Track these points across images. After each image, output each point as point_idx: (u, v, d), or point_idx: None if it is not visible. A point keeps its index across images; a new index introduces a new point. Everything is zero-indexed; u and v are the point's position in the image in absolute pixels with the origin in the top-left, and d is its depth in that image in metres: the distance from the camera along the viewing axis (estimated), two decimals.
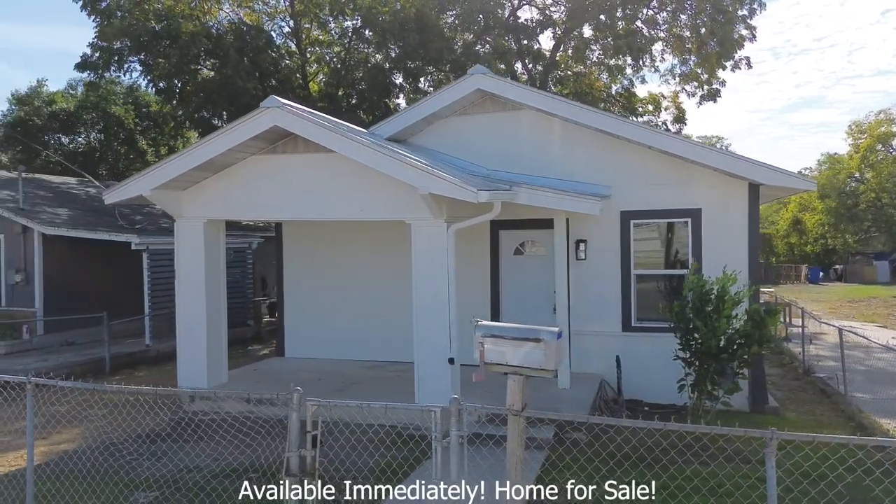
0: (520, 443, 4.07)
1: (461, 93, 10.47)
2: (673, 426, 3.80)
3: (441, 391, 8.49)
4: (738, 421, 9.03)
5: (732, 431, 3.89)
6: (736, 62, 26.61)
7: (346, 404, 4.79)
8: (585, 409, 8.45)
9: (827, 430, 8.74)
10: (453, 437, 4.13)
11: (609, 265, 10.35)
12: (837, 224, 45.98)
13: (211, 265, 9.55)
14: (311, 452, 4.42)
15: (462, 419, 4.17)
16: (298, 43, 21.99)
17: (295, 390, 4.50)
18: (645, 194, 10.15)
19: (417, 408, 4.43)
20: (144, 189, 8.93)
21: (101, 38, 17.93)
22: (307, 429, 4.44)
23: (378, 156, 7.99)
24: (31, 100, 26.58)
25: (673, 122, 30.58)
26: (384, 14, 19.01)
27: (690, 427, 3.98)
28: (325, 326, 11.76)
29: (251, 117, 8.48)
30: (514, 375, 4.07)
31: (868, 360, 13.72)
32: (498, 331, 4.10)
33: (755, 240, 9.77)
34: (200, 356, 9.51)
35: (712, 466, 6.87)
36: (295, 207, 9.10)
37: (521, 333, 4.05)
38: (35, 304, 15.73)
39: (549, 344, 3.98)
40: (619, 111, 30.06)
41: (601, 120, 10.15)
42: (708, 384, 7.66)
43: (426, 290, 8.54)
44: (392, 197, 8.40)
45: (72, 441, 8.44)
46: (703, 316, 7.47)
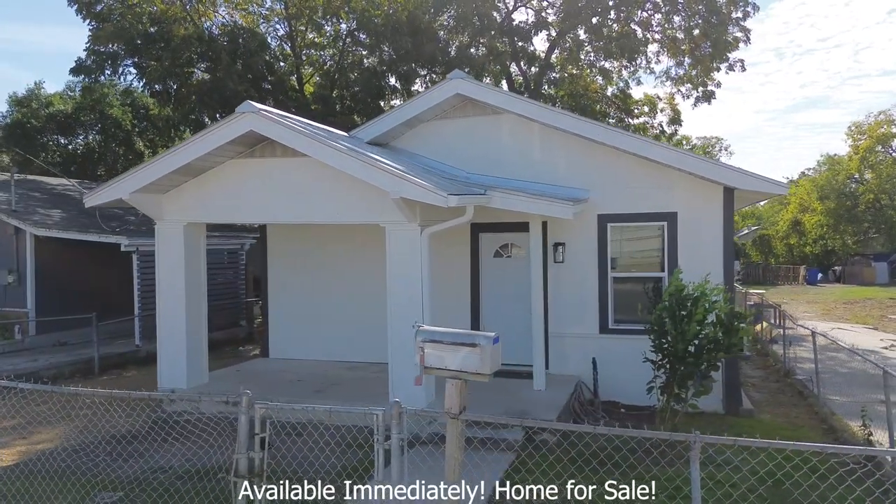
0: (458, 445, 4.17)
1: (441, 97, 10.56)
2: (602, 430, 3.89)
3: (415, 393, 8.59)
4: (710, 423, 9.13)
5: (657, 434, 3.99)
6: (730, 64, 26.65)
7: (292, 407, 4.88)
8: (557, 411, 8.53)
9: (797, 432, 8.83)
10: (394, 440, 4.23)
11: (587, 268, 10.44)
12: (837, 225, 45.90)
13: (191, 267, 9.68)
14: (258, 454, 4.53)
15: (402, 423, 4.27)
16: (293, 45, 22.13)
17: (244, 393, 4.61)
18: (622, 198, 10.24)
19: (360, 411, 4.50)
20: (123, 192, 9.06)
21: (95, 42, 18.10)
22: (255, 431, 4.54)
23: (350, 160, 8.10)
24: (30, 102, 26.80)
25: (668, 124, 30.64)
26: (377, 17, 19.12)
27: (618, 431, 4.07)
28: (310, 328, 11.88)
29: (228, 122, 8.60)
30: (453, 380, 4.17)
31: (850, 362, 13.75)
32: (437, 336, 4.20)
33: (730, 242, 9.85)
34: (180, 357, 9.65)
35: (678, 465, 6.96)
36: (273, 211, 9.23)
37: (459, 338, 4.15)
38: (27, 305, 15.90)
39: (485, 349, 4.08)
40: (615, 113, 30.16)
41: (579, 125, 10.23)
42: (676, 387, 7.74)
43: (400, 293, 8.65)
44: (367, 201, 8.51)
45: (51, 441, 8.58)
46: (677, 320, 7.55)
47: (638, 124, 30.38)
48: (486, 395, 9.31)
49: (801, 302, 29.63)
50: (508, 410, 8.58)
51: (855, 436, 8.42)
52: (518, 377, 9.83)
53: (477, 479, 6.14)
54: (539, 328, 9.62)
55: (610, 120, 29.98)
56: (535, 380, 9.60)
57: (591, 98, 28.72)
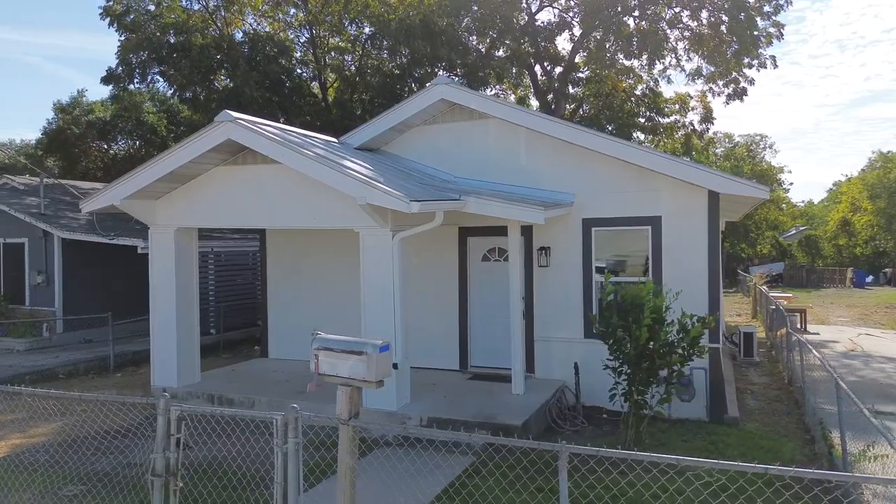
0: (349, 450, 4.28)
1: (427, 102, 10.68)
2: (478, 438, 3.95)
3: (386, 395, 8.74)
4: (687, 430, 9.00)
5: (527, 444, 4.01)
6: (761, 61, 25.97)
7: (203, 410, 5.07)
8: (526, 416, 8.53)
9: (776, 442, 8.61)
10: (290, 444, 4.37)
11: (572, 272, 10.40)
12: (889, 225, 43.95)
13: (182, 270, 10.05)
14: (174, 454, 4.74)
15: (298, 427, 4.40)
16: (315, 51, 22.56)
17: (162, 396, 4.82)
18: (607, 202, 10.17)
19: (261, 415, 4.66)
20: (115, 199, 9.48)
21: (123, 52, 18.88)
22: (171, 432, 4.75)
23: (318, 166, 8.30)
24: (72, 109, 28.06)
25: (700, 122, 29.98)
26: (391, 21, 19.35)
27: (491, 439, 4.11)
28: (305, 328, 12.12)
29: (207, 131, 8.91)
30: (344, 386, 4.29)
31: (864, 370, 13.28)
32: (330, 343, 4.33)
33: (715, 246, 9.68)
34: (171, 357, 10.03)
35: (630, 476, 6.90)
36: (253, 216, 9.51)
37: (349, 346, 4.27)
38: (55, 304, 16.70)
39: (371, 357, 4.19)
40: (645, 112, 29.68)
41: (562, 130, 10.20)
42: (635, 394, 7.67)
43: (374, 296, 8.81)
44: (341, 206, 8.69)
45: (45, 435, 9.04)
46: (626, 325, 7.50)
47: (668, 124, 29.83)
48: (463, 398, 9.43)
49: (839, 306, 28.55)
50: (478, 413, 8.65)
51: (833, 447, 8.16)
52: (505, 381, 9.87)
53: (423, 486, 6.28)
54: (518, 332, 9.63)
55: (640, 119, 29.56)
56: (514, 384, 9.62)
57: (620, 98, 28.35)
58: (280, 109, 19.02)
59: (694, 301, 9.59)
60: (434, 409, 8.89)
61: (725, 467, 3.64)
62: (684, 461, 3.66)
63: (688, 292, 9.69)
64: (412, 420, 8.66)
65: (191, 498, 4.98)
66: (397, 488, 6.44)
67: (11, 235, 17.20)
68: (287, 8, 22.97)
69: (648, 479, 6.49)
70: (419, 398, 9.32)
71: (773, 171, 49.87)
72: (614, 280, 9.81)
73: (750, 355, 14.66)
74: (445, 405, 9.08)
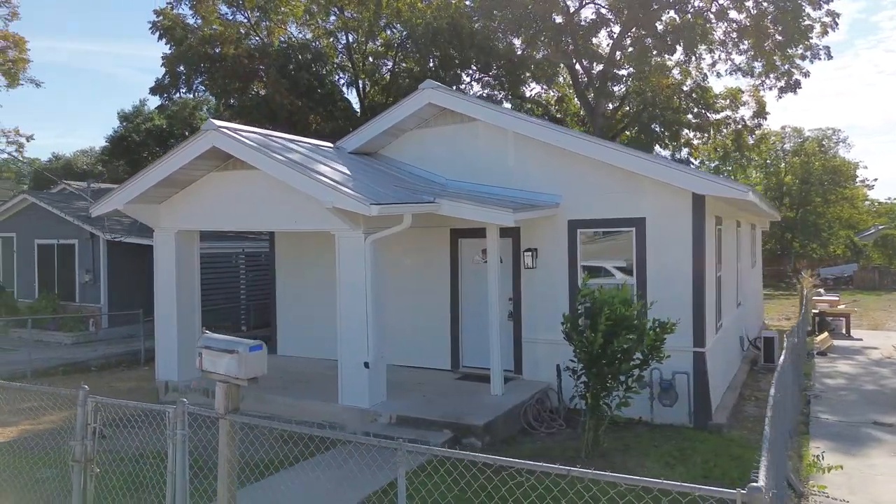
0: (227, 443, 4.54)
1: (414, 107, 10.88)
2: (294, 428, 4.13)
3: (359, 392, 9.02)
4: (663, 435, 8.83)
5: (369, 441, 4.13)
6: (815, 52, 24.80)
7: (118, 403, 5.43)
8: (492, 416, 8.60)
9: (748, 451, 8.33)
10: (178, 435, 4.67)
11: (558, 273, 10.36)
12: None
13: (183, 270, 10.63)
14: (89, 442, 5.14)
15: (185, 419, 4.69)
16: (351, 57, 23.12)
17: (81, 388, 5.23)
18: (593, 204, 10.09)
19: (158, 408, 4.99)
20: (118, 204, 10.16)
21: (167, 64, 19.99)
22: (87, 421, 5.16)
23: (289, 171, 8.65)
24: (134, 117, 29.82)
25: (752, 118, 28.88)
26: (419, 26, 19.64)
27: (317, 431, 4.26)
28: (309, 327, 12.57)
29: (195, 139, 9.43)
30: (222, 383, 4.55)
31: (890, 378, 12.52)
32: (211, 342, 4.60)
33: (699, 248, 9.44)
34: (172, 352, 10.64)
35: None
36: (241, 219, 9.98)
37: (226, 345, 4.53)
38: (101, 301, 17.89)
39: (242, 356, 4.43)
40: (694, 107, 28.81)
41: (545, 133, 10.20)
42: (590, 397, 7.62)
43: (348, 297, 9.08)
44: (319, 209, 8.96)
45: (52, 423, 9.78)
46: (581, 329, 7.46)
47: (718, 120, 28.84)
48: (442, 398, 9.57)
49: None
50: (446, 413, 8.77)
51: (804, 458, 7.85)
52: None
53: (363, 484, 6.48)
54: (496, 333, 9.68)
55: (688, 116, 28.71)
56: (493, 384, 9.69)
57: (663, 94, 27.63)
58: (312, 115, 19.63)
59: (679, 302, 9.43)
60: (406, 408, 9.08)
61: (612, 479, 3.35)
62: (549, 468, 3.59)
63: (673, 293, 9.53)
64: (382, 418, 8.89)
65: (104, 481, 5.38)
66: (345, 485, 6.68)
67: (64, 237, 18.53)
68: (327, 16, 23.63)
69: (512, 484, 6.31)
70: (399, 397, 9.52)
71: (847, 167, 47.19)
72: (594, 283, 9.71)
73: (771, 361, 14.08)
74: (419, 404, 9.25)
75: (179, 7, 21.55)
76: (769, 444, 4.36)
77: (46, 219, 18.60)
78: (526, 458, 7.93)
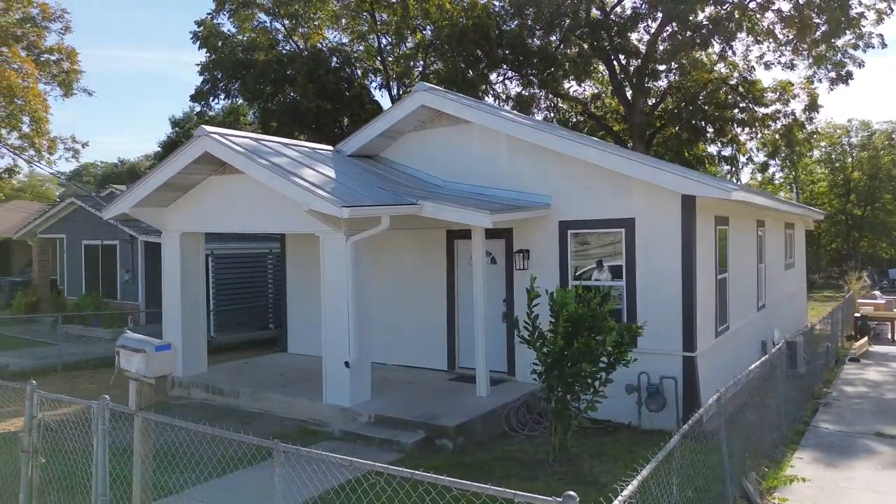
0: (140, 439, 4.76)
1: (408, 109, 10.98)
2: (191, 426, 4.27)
3: (341, 391, 9.19)
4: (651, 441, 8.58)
5: (250, 440, 4.24)
6: (867, 41, 23.57)
7: (53, 397, 5.72)
8: (467, 417, 8.61)
9: None
10: (99, 430, 4.92)
11: (549, 275, 10.23)
12: None
13: (188, 270, 11.06)
14: (35, 435, 5.47)
15: (106, 415, 4.93)
16: (383, 59, 23.42)
17: (29, 383, 5.57)
18: (584, 205, 9.97)
19: (84, 403, 5.25)
20: (125, 208, 10.66)
21: (202, 72, 20.80)
22: (33, 414, 5.49)
23: (270, 175, 8.89)
24: (185, 123, 31.07)
25: (804, 111, 27.60)
26: (445, 27, 19.73)
27: (235, 436, 4.39)
28: (316, 325, 12.80)
29: (189, 145, 9.81)
30: (134, 381, 4.78)
31: None
32: (127, 342, 4.83)
33: (689, 248, 9.18)
34: (177, 350, 11.05)
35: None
36: (235, 222, 10.32)
37: (136, 345, 4.75)
38: (139, 299, 18.80)
39: (149, 355, 4.64)
40: (739, 101, 27.80)
41: (533, 134, 10.12)
42: (552, 400, 7.53)
43: (331, 298, 9.26)
44: (303, 212, 9.21)
45: (68, 413, 10.36)
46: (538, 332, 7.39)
47: (767, 114, 27.71)
48: (426, 398, 9.65)
49: None
50: (423, 414, 8.82)
51: (780, 469, 7.53)
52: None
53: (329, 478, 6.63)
54: (481, 334, 9.66)
55: (734, 111, 27.73)
56: (478, 385, 9.68)
57: (708, 88, 26.78)
58: (340, 118, 20.02)
59: (669, 304, 9.22)
60: (387, 407, 9.18)
61: (446, 483, 3.38)
62: (383, 468, 3.71)
63: (662, 295, 9.33)
64: (362, 417, 9.02)
65: (47, 469, 5.73)
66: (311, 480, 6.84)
67: (107, 238, 19.54)
68: (359, 20, 24.02)
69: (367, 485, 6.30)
70: (384, 396, 9.64)
71: None
72: (582, 283, 9.60)
73: (793, 367, 13.46)
74: (401, 404, 9.33)
75: (219, 17, 22.37)
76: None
77: (91, 221, 19.66)
78: (494, 461, 7.96)
